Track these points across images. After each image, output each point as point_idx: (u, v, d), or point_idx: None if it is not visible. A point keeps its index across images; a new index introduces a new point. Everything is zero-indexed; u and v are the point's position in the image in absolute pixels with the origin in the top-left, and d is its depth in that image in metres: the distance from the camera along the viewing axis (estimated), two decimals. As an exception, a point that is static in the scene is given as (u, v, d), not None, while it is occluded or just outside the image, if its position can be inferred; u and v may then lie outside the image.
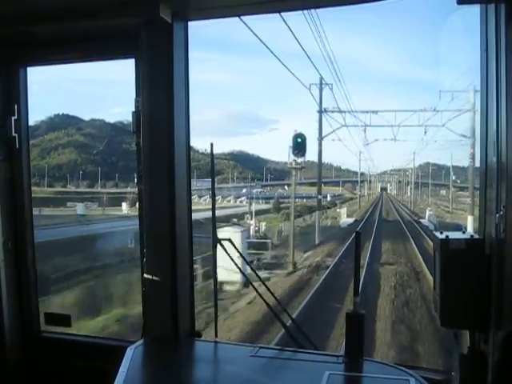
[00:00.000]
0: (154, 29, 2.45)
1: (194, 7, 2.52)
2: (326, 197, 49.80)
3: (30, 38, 2.71)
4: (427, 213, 36.58)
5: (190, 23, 2.56)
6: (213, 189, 2.83)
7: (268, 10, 2.62)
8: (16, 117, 2.85)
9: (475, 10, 2.06)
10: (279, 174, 63.62)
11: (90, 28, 2.55)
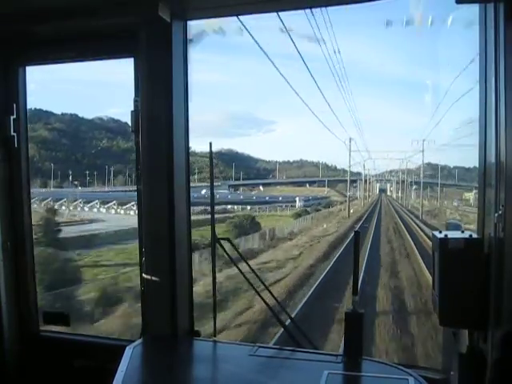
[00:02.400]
0: (153, 28, 2.45)
1: (193, 7, 2.53)
2: (293, 201, 39.42)
3: (28, 38, 2.71)
4: None
5: (188, 23, 2.56)
6: (212, 189, 2.83)
7: (268, 10, 2.62)
8: (15, 116, 2.85)
9: (474, 9, 2.07)
10: (269, 173, 61.11)
11: (89, 27, 2.55)
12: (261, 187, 50.09)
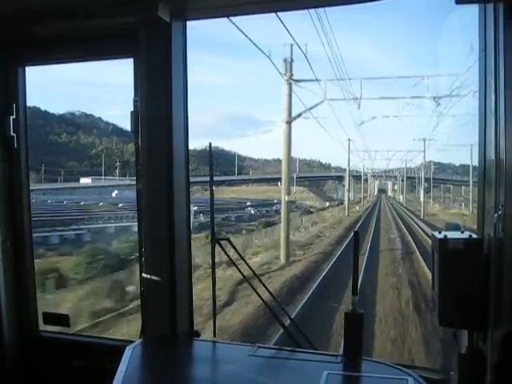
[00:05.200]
0: (152, 28, 2.45)
1: (192, 7, 2.53)
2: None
3: (28, 38, 2.71)
4: None
5: (188, 23, 2.56)
6: (211, 189, 2.83)
7: (268, 10, 2.62)
8: (14, 116, 2.85)
9: (473, 9, 2.06)
10: (254, 171, 59.84)
11: (88, 27, 2.55)
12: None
